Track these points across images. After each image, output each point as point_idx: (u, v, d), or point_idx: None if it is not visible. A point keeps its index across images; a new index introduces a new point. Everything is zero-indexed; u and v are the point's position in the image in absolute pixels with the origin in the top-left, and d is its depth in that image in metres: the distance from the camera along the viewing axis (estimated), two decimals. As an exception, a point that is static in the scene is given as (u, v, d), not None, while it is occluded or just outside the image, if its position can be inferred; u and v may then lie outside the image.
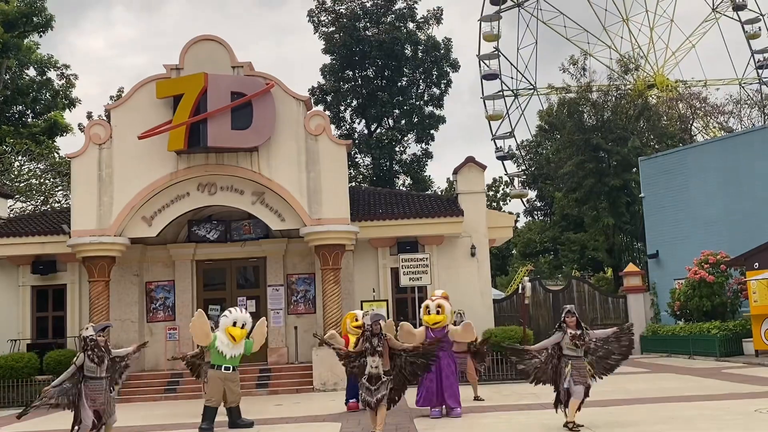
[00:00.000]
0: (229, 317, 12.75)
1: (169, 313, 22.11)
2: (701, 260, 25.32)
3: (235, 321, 12.68)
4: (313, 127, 20.25)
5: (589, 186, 39.19)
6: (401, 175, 43.99)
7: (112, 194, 19.92)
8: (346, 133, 41.67)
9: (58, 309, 22.18)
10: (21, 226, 22.07)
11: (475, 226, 22.33)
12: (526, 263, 57.42)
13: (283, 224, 20.37)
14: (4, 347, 20.93)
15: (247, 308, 21.69)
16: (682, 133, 45.05)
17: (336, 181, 20.16)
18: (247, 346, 12.94)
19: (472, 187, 22.73)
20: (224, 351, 12.60)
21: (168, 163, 19.94)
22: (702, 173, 28.89)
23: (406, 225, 21.59)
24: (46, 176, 34.55)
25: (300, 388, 19.27)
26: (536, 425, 11.49)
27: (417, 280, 20.18)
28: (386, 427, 12.02)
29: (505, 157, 65.15)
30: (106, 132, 20.21)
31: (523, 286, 21.19)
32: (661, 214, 30.28)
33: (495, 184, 64.82)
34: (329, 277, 20.02)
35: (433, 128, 42.60)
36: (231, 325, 12.62)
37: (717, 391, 15.02)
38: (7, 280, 22.06)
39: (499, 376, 19.14)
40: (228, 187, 20.21)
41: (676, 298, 26.10)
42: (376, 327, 10.64)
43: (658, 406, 12.42)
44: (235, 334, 12.60)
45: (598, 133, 39.96)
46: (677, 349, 25.13)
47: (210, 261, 22.40)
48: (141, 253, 21.92)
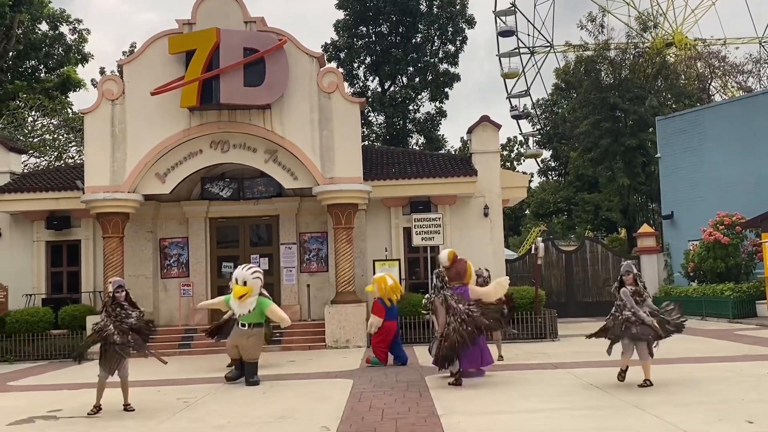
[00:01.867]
0: (233, 276, 13.06)
1: (183, 270, 22.25)
2: (716, 221, 25.15)
3: (237, 278, 12.91)
4: (326, 84, 20.07)
5: (605, 146, 38.87)
6: (414, 134, 43.76)
7: (125, 150, 19.91)
8: (360, 91, 41.39)
9: (72, 264, 22.33)
10: (35, 182, 22.13)
11: (489, 186, 22.20)
12: (539, 223, 57.31)
13: (296, 183, 20.33)
14: (20, 302, 21.14)
15: (260, 266, 21.95)
16: (700, 92, 44.46)
17: (349, 139, 20.05)
18: (262, 304, 13.01)
19: (487, 146, 22.55)
20: (235, 309, 12.98)
21: (181, 119, 19.87)
22: (719, 134, 28.54)
23: (419, 184, 21.49)
24: (60, 132, 34.55)
25: (312, 345, 19.42)
26: (548, 384, 11.52)
27: (429, 240, 20.14)
28: (397, 383, 12.12)
29: (520, 116, 64.65)
30: (119, 88, 20.14)
31: (536, 247, 21.11)
32: (677, 175, 30.02)
33: (509, 143, 64.49)
34: (342, 236, 20.03)
35: (448, 86, 42.21)
36: (235, 283, 12.90)
37: (729, 352, 15.01)
38: (22, 235, 22.20)
39: (510, 335, 19.14)
40: (241, 145, 20.15)
41: (690, 260, 26.01)
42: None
43: (669, 368, 12.42)
44: (234, 291, 12.86)
45: (615, 92, 39.52)
46: (690, 310, 25.02)
47: (223, 218, 22.46)
48: (155, 209, 21.99)
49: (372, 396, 11.04)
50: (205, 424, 9.39)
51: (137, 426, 9.35)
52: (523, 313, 19.50)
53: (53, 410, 10.90)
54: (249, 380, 12.85)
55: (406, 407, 9.95)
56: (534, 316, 19.62)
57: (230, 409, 10.38)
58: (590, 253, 28.47)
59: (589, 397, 10.17)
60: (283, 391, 12.06)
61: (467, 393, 10.91)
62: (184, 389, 12.62)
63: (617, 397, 9.97)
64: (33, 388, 13.97)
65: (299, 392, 11.83)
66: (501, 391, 11.05)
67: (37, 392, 13.24)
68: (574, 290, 28.15)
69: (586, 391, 10.70)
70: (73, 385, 13.31)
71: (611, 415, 8.87)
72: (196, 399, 11.47)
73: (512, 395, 10.63)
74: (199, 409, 10.56)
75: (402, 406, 10.03)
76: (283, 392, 11.90)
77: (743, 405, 9.17)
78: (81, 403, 11.08)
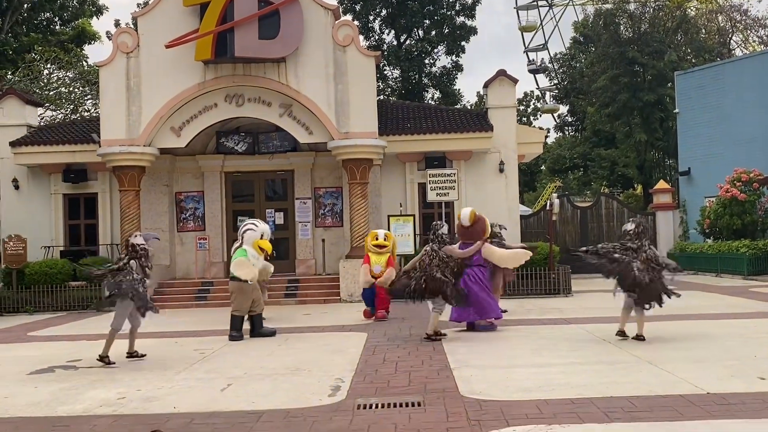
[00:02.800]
0: (256, 230, 13.01)
1: (199, 224, 22.39)
2: (734, 178, 24.95)
3: (263, 234, 13.08)
4: (341, 37, 19.89)
5: (623, 101, 38.47)
6: (430, 88, 43.39)
7: (140, 104, 19.91)
8: (375, 45, 40.96)
9: (89, 217, 22.52)
10: (52, 135, 22.22)
11: (505, 142, 22.07)
12: (554, 179, 57.09)
13: (311, 137, 20.29)
14: (38, 254, 21.39)
15: (276, 221, 22.08)
16: (721, 47, 43.76)
17: (364, 93, 19.93)
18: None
19: (503, 101, 22.36)
20: (254, 264, 12.92)
21: (195, 73, 19.81)
22: (739, 89, 28.14)
23: (434, 140, 21.39)
24: (75, 85, 34.52)
25: (327, 298, 19.59)
26: (561, 338, 11.60)
27: (444, 195, 20.12)
28: (411, 337, 12.23)
29: (537, 70, 63.98)
30: (134, 40, 20.06)
31: (551, 203, 21.05)
32: (695, 131, 29.71)
33: (526, 98, 63.91)
34: (356, 191, 20.03)
35: (464, 40, 41.66)
36: (259, 238, 12.97)
37: (743, 309, 15.02)
38: (39, 188, 22.37)
39: (523, 290, 19.26)
40: (255, 99, 20.09)
41: (706, 216, 25.87)
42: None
43: (684, 324, 12.45)
44: (265, 247, 13.05)
45: (634, 46, 38.97)
46: (705, 267, 25.06)
47: (238, 173, 22.50)
48: (170, 163, 22.05)
49: (386, 349, 11.16)
50: (221, 374, 9.55)
51: (155, 376, 9.52)
52: (537, 268, 19.54)
53: (73, 360, 11.10)
54: (264, 332, 12.99)
55: (420, 360, 10.06)
56: (548, 271, 19.65)
57: (246, 361, 10.53)
58: (605, 210, 28.38)
59: (601, 352, 10.23)
60: (298, 343, 12.21)
61: (480, 347, 11.01)
62: (200, 341, 12.80)
63: (630, 353, 10.03)
64: (52, 338, 14.21)
65: (314, 345, 11.97)
66: (513, 346, 11.13)
67: (56, 342, 13.47)
68: (588, 246, 28.09)
69: (599, 346, 10.76)
70: (92, 336, 13.52)
71: (624, 369, 8.93)
72: (213, 351, 11.64)
73: (525, 350, 10.71)
74: (216, 360, 10.72)
75: (415, 360, 10.14)
76: (298, 345, 12.05)
77: (755, 361, 9.21)
78: (100, 352, 11.25)
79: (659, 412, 6.83)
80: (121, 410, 7.72)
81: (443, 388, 8.20)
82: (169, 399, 8.16)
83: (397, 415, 7.10)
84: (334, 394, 8.13)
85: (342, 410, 7.41)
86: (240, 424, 6.96)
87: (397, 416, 7.07)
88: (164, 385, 8.97)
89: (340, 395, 8.08)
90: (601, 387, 7.96)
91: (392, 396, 7.94)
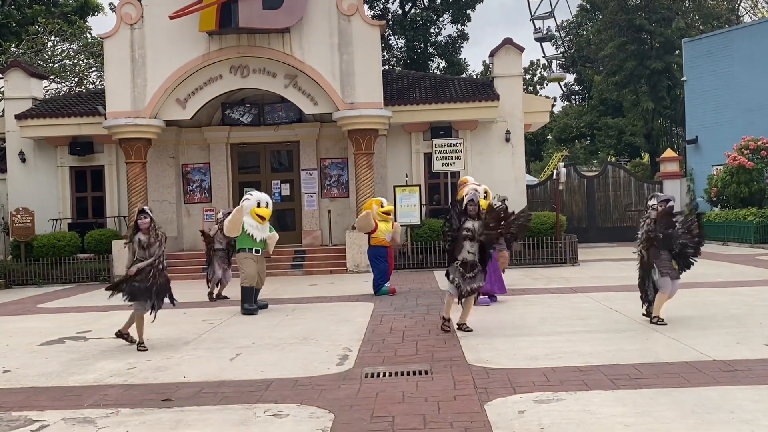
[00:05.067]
0: (251, 199, 12.54)
1: (206, 195, 22.43)
2: (741, 146, 24.84)
3: (259, 201, 12.55)
4: (345, 6, 19.75)
5: (630, 69, 38.17)
6: (436, 57, 43.06)
7: (145, 76, 19.85)
8: (380, 14, 40.62)
9: (96, 190, 22.58)
10: (57, 108, 22.20)
11: (511, 111, 21.97)
12: (561, 149, 56.83)
13: (316, 108, 20.23)
14: (46, 226, 21.48)
15: (282, 192, 22.10)
16: (729, 13, 43.24)
17: (369, 63, 19.82)
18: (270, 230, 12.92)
19: (509, 70, 22.22)
20: (254, 234, 12.47)
21: (200, 44, 19.72)
22: (748, 56, 27.89)
23: (439, 110, 21.29)
24: (80, 57, 34.39)
25: (333, 269, 19.66)
26: (567, 307, 11.64)
27: (450, 165, 20.10)
28: (417, 307, 12.29)
29: (543, 38, 63.32)
30: (137, 11, 19.95)
31: (558, 172, 21.01)
32: (703, 99, 29.50)
33: (532, 67, 63.43)
34: (362, 161, 20.01)
35: (470, 8, 41.27)
36: (256, 206, 12.49)
37: (750, 277, 15.04)
38: (46, 160, 22.40)
39: (530, 260, 19.30)
40: (260, 70, 20.01)
41: (713, 184, 25.80)
42: (473, 208, 9.60)
43: (690, 292, 12.47)
44: (263, 213, 12.51)
45: (641, 13, 38.57)
46: (712, 235, 24.98)
47: (244, 144, 22.48)
48: (176, 135, 22.04)
49: (393, 319, 11.22)
50: (229, 344, 9.62)
51: (163, 346, 9.60)
52: (543, 238, 19.55)
53: (82, 331, 11.20)
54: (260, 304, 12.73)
55: (426, 330, 10.12)
56: (554, 241, 19.66)
57: (254, 331, 10.60)
58: (612, 179, 28.32)
59: (607, 321, 10.27)
60: (306, 313, 12.28)
61: (486, 316, 11.05)
62: (209, 311, 12.89)
63: (635, 321, 10.07)
64: (61, 310, 14.33)
65: (321, 315, 12.04)
66: (520, 315, 11.18)
67: (65, 314, 13.59)
68: (595, 215, 28.11)
69: (605, 315, 10.80)
70: (101, 308, 13.62)
71: (629, 337, 8.97)
72: (221, 321, 11.72)
73: (531, 319, 10.75)
74: (224, 330, 10.81)
75: (422, 329, 10.20)
76: (305, 315, 12.12)
77: (761, 329, 9.24)
78: (109, 324, 11.36)
79: (665, 379, 6.87)
80: (132, 380, 7.80)
81: (450, 357, 8.26)
82: (178, 369, 8.24)
83: (404, 384, 7.16)
84: (341, 363, 8.20)
85: (350, 379, 7.47)
86: (249, 393, 7.03)
87: (404, 385, 7.12)
88: (173, 355, 9.06)
89: (348, 364, 8.15)
90: (607, 354, 8.01)
91: (399, 364, 8.00)
